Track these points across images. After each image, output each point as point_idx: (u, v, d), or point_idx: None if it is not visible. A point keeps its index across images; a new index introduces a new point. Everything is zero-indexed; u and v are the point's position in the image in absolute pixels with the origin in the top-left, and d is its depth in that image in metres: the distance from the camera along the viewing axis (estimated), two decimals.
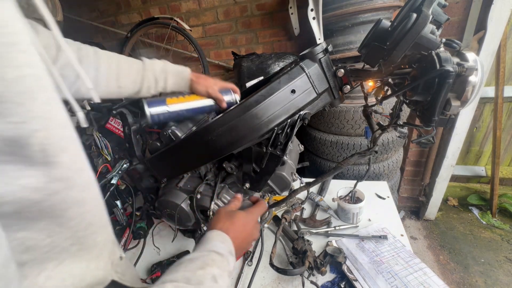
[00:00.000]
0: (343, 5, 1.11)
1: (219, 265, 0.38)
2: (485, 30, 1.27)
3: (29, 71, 0.24)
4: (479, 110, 1.67)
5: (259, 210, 0.56)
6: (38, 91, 0.25)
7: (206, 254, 0.39)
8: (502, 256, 1.49)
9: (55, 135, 0.27)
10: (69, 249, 0.30)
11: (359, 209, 0.90)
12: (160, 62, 0.66)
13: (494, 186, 1.67)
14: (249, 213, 0.53)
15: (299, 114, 0.56)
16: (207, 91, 0.67)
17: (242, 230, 0.49)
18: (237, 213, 0.51)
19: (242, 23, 1.72)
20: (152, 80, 0.64)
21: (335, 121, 1.25)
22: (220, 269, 0.38)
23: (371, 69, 0.54)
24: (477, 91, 0.44)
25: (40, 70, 0.26)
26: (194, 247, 0.44)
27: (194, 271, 0.35)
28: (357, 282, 0.71)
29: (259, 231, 0.55)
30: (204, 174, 0.73)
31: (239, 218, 0.50)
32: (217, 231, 0.45)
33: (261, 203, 0.58)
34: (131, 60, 0.62)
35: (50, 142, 0.26)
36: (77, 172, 0.30)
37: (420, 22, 0.41)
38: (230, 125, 0.55)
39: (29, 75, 0.24)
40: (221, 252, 0.40)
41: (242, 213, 0.52)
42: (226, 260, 0.40)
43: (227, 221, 0.48)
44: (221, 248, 0.41)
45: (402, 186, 1.87)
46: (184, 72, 0.68)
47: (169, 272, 0.35)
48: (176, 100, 0.64)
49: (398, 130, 0.62)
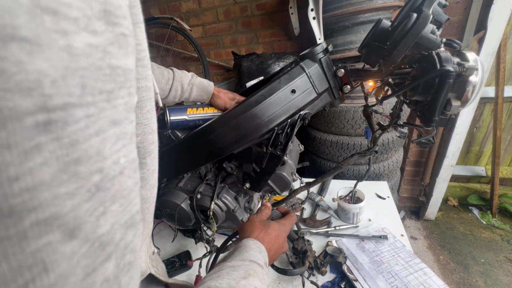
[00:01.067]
0: (343, 5, 1.10)
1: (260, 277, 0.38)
2: (485, 30, 1.27)
3: (144, 84, 0.27)
4: (479, 110, 1.67)
5: (290, 222, 0.55)
6: (146, 101, 0.28)
7: (247, 264, 0.39)
8: (502, 256, 1.49)
9: (148, 140, 0.29)
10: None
11: (359, 209, 0.90)
12: (189, 75, 0.69)
13: (494, 186, 1.67)
14: (282, 225, 0.52)
15: (299, 114, 0.56)
16: (225, 106, 0.72)
17: (275, 241, 0.48)
18: (271, 224, 0.50)
19: (242, 23, 1.72)
20: (180, 90, 0.67)
21: (335, 121, 1.25)
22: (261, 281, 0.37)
23: (371, 69, 0.53)
24: (477, 91, 0.43)
25: (150, 82, 0.28)
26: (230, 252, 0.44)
27: (238, 281, 0.35)
28: (357, 282, 0.71)
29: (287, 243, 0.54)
30: (204, 174, 0.73)
31: (273, 229, 0.49)
32: (254, 240, 0.45)
33: (292, 215, 0.57)
34: (162, 68, 0.65)
35: (143, 146, 0.29)
36: (152, 173, 0.32)
37: (420, 22, 0.41)
38: (230, 125, 0.55)
39: (144, 86, 0.27)
40: (261, 264, 0.40)
41: (275, 224, 0.51)
42: (265, 272, 0.40)
43: (262, 231, 0.48)
44: (260, 259, 0.41)
45: (402, 186, 1.87)
46: (209, 87, 0.72)
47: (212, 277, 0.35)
48: (195, 111, 0.69)
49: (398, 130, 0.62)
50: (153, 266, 0.40)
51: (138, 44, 0.25)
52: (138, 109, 0.26)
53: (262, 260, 0.41)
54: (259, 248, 0.43)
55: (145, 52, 0.27)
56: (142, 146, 0.29)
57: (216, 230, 0.71)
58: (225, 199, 0.69)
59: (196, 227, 0.78)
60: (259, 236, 0.46)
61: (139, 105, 0.27)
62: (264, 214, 0.55)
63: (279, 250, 0.50)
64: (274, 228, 0.49)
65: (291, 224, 0.55)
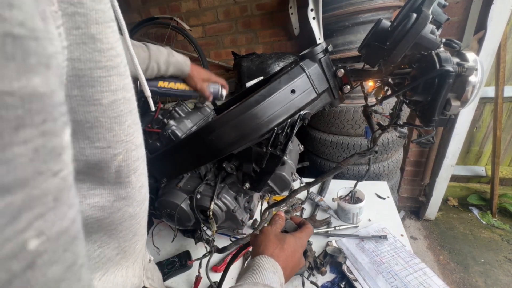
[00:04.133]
0: (343, 5, 1.10)
1: None
2: (485, 30, 1.27)
3: (122, 95, 0.23)
4: (479, 110, 1.67)
5: (307, 234, 0.51)
6: (126, 115, 0.24)
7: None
8: (502, 256, 1.49)
9: (131, 157, 0.26)
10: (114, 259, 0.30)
11: (359, 209, 0.90)
12: (164, 52, 0.69)
13: (494, 186, 1.67)
14: (298, 238, 0.48)
15: (299, 114, 0.56)
16: (197, 86, 0.75)
17: (291, 258, 0.44)
18: (287, 238, 0.46)
19: (242, 23, 1.72)
20: (156, 69, 0.68)
21: (335, 121, 1.25)
22: None
23: (371, 69, 0.53)
24: (477, 91, 0.43)
25: (130, 93, 0.25)
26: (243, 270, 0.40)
27: None
28: (357, 282, 0.71)
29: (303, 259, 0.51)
30: (204, 174, 0.73)
31: (289, 245, 0.45)
32: (269, 258, 0.41)
33: (308, 226, 0.53)
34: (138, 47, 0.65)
35: (126, 164, 0.26)
36: (139, 189, 0.30)
37: (420, 22, 0.41)
38: (230, 125, 0.55)
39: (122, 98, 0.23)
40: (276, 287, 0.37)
41: (292, 239, 0.47)
42: None
43: (277, 247, 0.44)
44: (275, 281, 0.37)
45: (402, 186, 1.87)
46: (185, 67, 0.72)
47: None
48: (166, 85, 0.73)
49: (398, 130, 0.62)
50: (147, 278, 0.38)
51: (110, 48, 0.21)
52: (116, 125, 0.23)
53: (277, 282, 0.38)
54: (274, 267, 0.40)
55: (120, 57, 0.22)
56: (125, 164, 0.26)
57: (216, 230, 0.71)
58: (225, 199, 0.69)
59: (196, 227, 0.78)
60: (274, 253, 0.42)
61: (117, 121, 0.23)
62: (278, 226, 0.50)
63: (295, 268, 0.46)
64: (290, 244, 0.45)
65: (307, 237, 0.51)
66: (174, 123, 0.71)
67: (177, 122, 0.72)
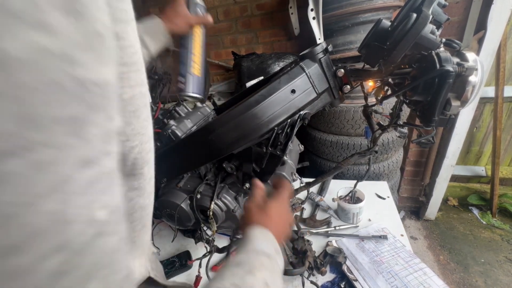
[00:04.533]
0: (343, 5, 1.10)
1: (269, 268, 0.35)
2: (485, 30, 1.27)
3: (139, 90, 0.24)
4: (479, 110, 1.67)
5: (287, 193, 0.51)
6: (142, 109, 0.25)
7: (252, 256, 0.36)
8: (502, 256, 1.49)
9: (145, 149, 0.27)
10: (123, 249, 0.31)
11: (359, 209, 0.90)
12: None
13: (494, 186, 1.67)
14: (279, 201, 0.49)
15: (299, 114, 0.56)
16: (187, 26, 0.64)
17: (279, 221, 0.45)
18: (269, 205, 0.47)
19: (242, 23, 1.72)
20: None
21: (335, 121, 1.25)
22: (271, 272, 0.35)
23: (371, 69, 0.53)
24: (477, 91, 0.44)
25: (146, 87, 0.26)
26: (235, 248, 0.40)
27: (243, 277, 0.32)
28: (357, 282, 0.71)
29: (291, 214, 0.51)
30: (204, 174, 0.73)
31: (272, 210, 0.46)
32: (257, 227, 0.41)
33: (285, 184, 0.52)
34: None
35: (141, 156, 0.26)
36: (149, 181, 0.30)
37: (420, 22, 0.41)
38: (230, 125, 0.55)
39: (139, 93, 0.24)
40: (268, 252, 0.37)
41: (273, 203, 0.47)
42: (275, 261, 0.37)
43: (262, 216, 0.44)
44: (266, 247, 0.38)
45: (402, 186, 1.87)
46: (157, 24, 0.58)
47: (216, 279, 0.32)
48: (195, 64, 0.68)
49: (398, 130, 0.62)
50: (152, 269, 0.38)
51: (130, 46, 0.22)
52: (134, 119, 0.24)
53: (269, 247, 0.38)
54: (264, 235, 0.40)
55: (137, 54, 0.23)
56: (140, 156, 0.26)
57: (216, 230, 0.71)
58: (225, 199, 0.69)
59: (196, 227, 0.78)
60: (261, 222, 0.43)
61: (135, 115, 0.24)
62: (258, 196, 0.50)
63: (286, 228, 0.47)
64: (272, 209, 0.46)
65: (288, 194, 0.51)
66: (174, 123, 0.71)
67: (177, 122, 0.72)
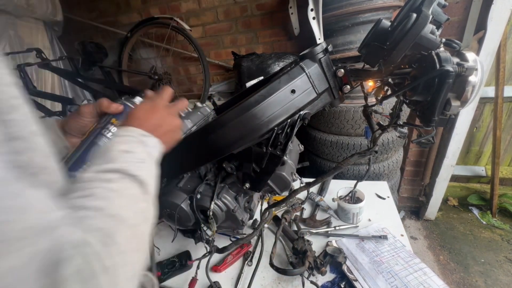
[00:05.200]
0: (343, 5, 1.10)
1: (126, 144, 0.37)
2: (485, 30, 1.27)
3: None
4: (479, 110, 1.67)
5: (160, 94, 0.50)
6: None
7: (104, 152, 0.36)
8: (502, 256, 1.49)
9: (5, 92, 0.26)
10: None
11: (359, 209, 0.90)
12: None
13: (494, 186, 1.67)
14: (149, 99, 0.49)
15: (299, 114, 0.56)
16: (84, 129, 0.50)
17: (146, 117, 0.45)
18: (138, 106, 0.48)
19: (242, 23, 1.72)
20: None
21: (335, 121, 1.25)
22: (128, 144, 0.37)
23: (371, 69, 0.53)
24: (477, 91, 0.44)
25: None
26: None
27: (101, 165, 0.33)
28: (357, 282, 0.71)
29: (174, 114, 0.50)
30: (204, 174, 0.73)
31: (140, 109, 0.46)
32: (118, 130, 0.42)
33: (163, 88, 0.51)
34: None
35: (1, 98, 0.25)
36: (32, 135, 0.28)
37: (420, 22, 0.41)
38: (230, 125, 0.55)
39: None
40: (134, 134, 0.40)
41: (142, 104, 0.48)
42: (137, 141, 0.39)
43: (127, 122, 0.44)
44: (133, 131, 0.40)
45: (402, 186, 1.87)
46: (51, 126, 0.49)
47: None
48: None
49: (398, 130, 0.62)
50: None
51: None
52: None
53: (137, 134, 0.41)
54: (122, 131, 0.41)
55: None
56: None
57: (216, 230, 0.71)
58: (225, 199, 0.69)
59: (196, 227, 0.78)
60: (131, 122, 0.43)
61: None
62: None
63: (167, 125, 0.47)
64: (141, 108, 0.46)
65: (162, 94, 0.50)
66: None
67: None
